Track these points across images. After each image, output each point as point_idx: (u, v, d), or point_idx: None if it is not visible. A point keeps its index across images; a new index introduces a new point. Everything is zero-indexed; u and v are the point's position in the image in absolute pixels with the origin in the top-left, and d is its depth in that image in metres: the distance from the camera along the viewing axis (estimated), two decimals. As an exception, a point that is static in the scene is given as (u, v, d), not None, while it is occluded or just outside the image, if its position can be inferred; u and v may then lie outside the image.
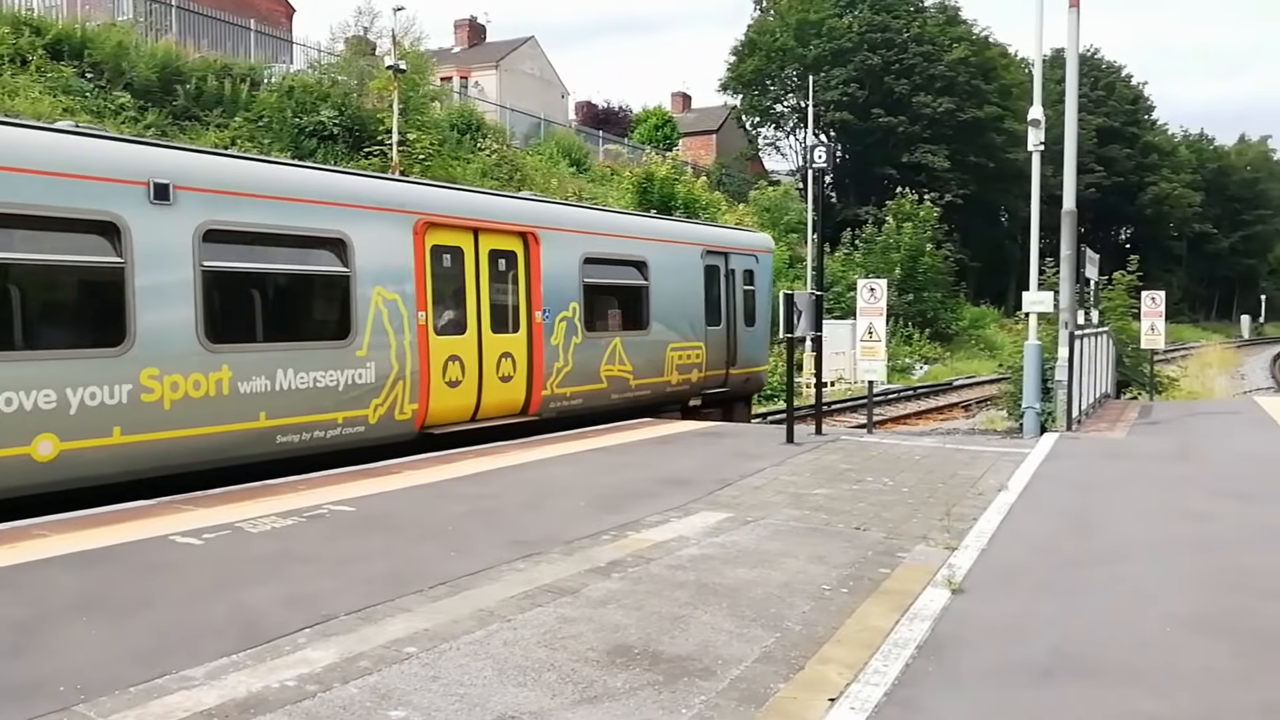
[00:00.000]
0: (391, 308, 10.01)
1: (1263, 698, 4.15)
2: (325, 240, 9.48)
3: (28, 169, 7.27)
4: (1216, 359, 40.43)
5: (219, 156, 9.55)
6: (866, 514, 7.74)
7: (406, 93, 21.87)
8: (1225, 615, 5.25)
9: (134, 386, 7.85)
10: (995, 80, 49.90)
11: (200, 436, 8.35)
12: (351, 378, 9.60)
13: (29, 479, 7.22)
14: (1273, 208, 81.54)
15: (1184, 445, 11.98)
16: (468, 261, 11.07)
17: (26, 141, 7.48)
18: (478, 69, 41.91)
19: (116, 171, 7.86)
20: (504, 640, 4.74)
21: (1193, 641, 4.86)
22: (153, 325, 8.00)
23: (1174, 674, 4.45)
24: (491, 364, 11.35)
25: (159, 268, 8.07)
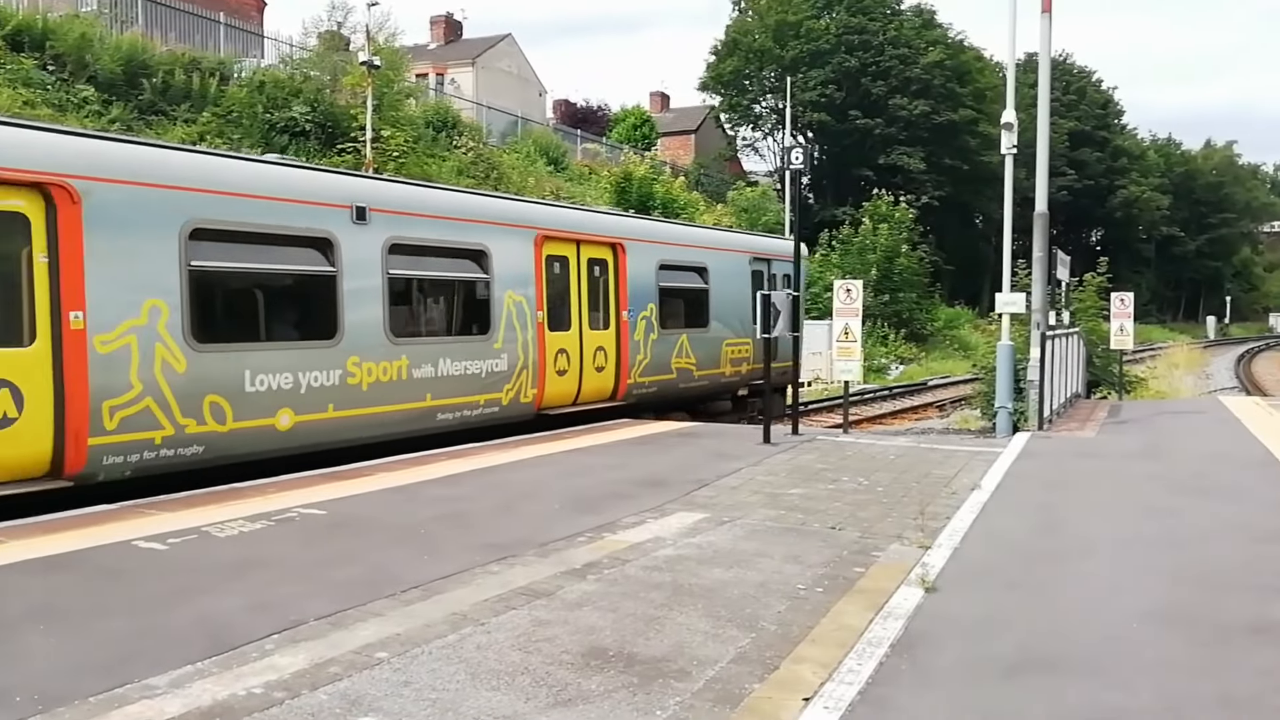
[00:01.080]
0: (518, 308, 11.97)
1: (1221, 689, 4.21)
2: (472, 252, 11.49)
3: (275, 197, 9.25)
4: (1183, 359, 40.96)
5: (398, 185, 11.63)
6: (842, 513, 7.77)
7: (381, 89, 21.67)
8: (1187, 609, 5.32)
9: (342, 372, 9.79)
10: (970, 84, 50.30)
11: (386, 413, 10.27)
12: (491, 366, 11.64)
13: (273, 445, 9.19)
14: (1237, 211, 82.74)
15: (1152, 444, 12.11)
16: (572, 269, 12.98)
17: (273, 174, 9.48)
18: (454, 66, 41.67)
19: (330, 198, 9.79)
20: (477, 644, 4.71)
21: (1156, 635, 4.91)
22: (355, 322, 9.90)
23: (1137, 667, 4.50)
24: (589, 356, 13.26)
25: (359, 275, 9.99)
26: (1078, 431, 13.53)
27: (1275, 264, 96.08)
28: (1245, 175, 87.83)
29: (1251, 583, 5.80)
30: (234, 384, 8.78)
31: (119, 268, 7.92)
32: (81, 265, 7.65)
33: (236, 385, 8.80)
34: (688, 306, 15.16)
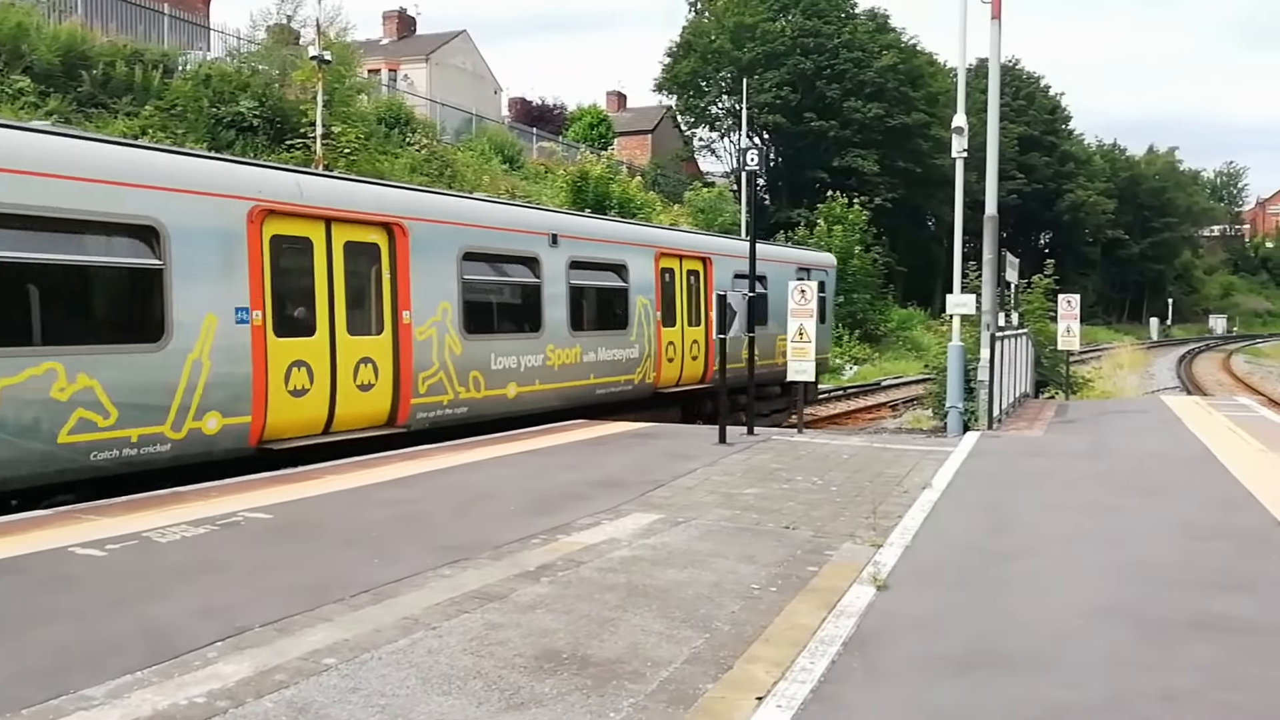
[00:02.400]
0: (645, 309, 15.25)
1: (1163, 683, 4.30)
2: (617, 266, 14.82)
3: (510, 229, 12.79)
4: (1128, 360, 41.84)
5: (575, 217, 15.79)
6: (796, 513, 7.81)
7: (332, 84, 21.29)
8: (1131, 606, 5.41)
9: (544, 356, 13.07)
10: (923, 88, 50.84)
11: (568, 387, 13.57)
12: (629, 354, 14.87)
13: (504, 409, 12.40)
14: (1179, 216, 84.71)
15: (1097, 443, 12.35)
16: (677, 278, 16.33)
17: (509, 212, 13.48)
18: (407, 62, 41.17)
19: (537, 228, 13.29)
20: (428, 648, 4.65)
21: (1101, 631, 4.99)
22: (551, 319, 13.25)
23: (1083, 663, 4.57)
24: (688, 347, 16.73)
25: (553, 284, 13.30)
26: (1026, 431, 13.75)
27: (1214, 267, 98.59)
28: (1186, 181, 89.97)
29: (1191, 579, 5.93)
30: (486, 363, 12.12)
31: (426, 281, 11.18)
32: (409, 279, 10.93)
33: (486, 364, 12.13)
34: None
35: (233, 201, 9.04)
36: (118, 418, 8.06)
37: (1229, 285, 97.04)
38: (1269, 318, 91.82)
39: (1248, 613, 5.25)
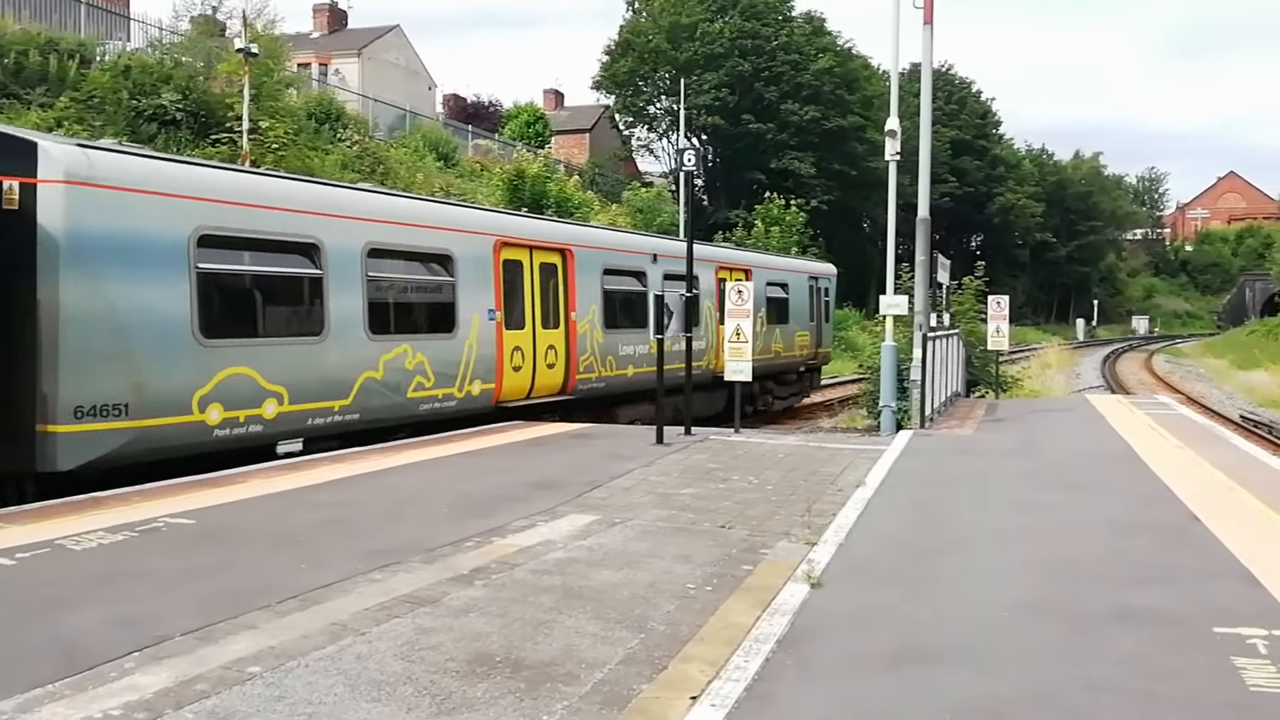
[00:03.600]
0: (709, 311, 18.80)
1: (1086, 674, 4.40)
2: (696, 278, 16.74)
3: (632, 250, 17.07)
4: (1055, 359, 42.97)
5: (669, 240, 19.82)
6: (732, 512, 7.84)
7: (259, 78, 20.70)
8: (1056, 599, 5.54)
9: (646, 346, 15.60)
10: (858, 91, 51.46)
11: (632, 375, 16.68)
12: (700, 346, 17.57)
13: (626, 387, 16.24)
14: (1103, 219, 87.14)
15: (1025, 441, 12.64)
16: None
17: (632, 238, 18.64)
18: (338, 56, 40.38)
19: (645, 249, 17.45)
20: (357, 654, 4.55)
21: (1027, 625, 5.10)
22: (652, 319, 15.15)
23: (1009, 656, 4.66)
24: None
25: (653, 290, 15.97)
26: (957, 429, 14.01)
27: (1137, 270, 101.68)
28: (1110, 185, 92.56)
29: (1114, 573, 6.09)
30: (616, 351, 16.00)
31: (583, 291, 15.06)
32: (574, 288, 14.91)
33: (617, 351, 16.01)
34: (776, 310, 22.35)
35: (487, 238, 13.32)
36: (434, 382, 12.04)
37: (1151, 287, 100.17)
38: (1188, 318, 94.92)
39: (1166, 604, 5.40)
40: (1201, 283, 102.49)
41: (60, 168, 8.05)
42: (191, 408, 8.97)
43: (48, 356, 7.95)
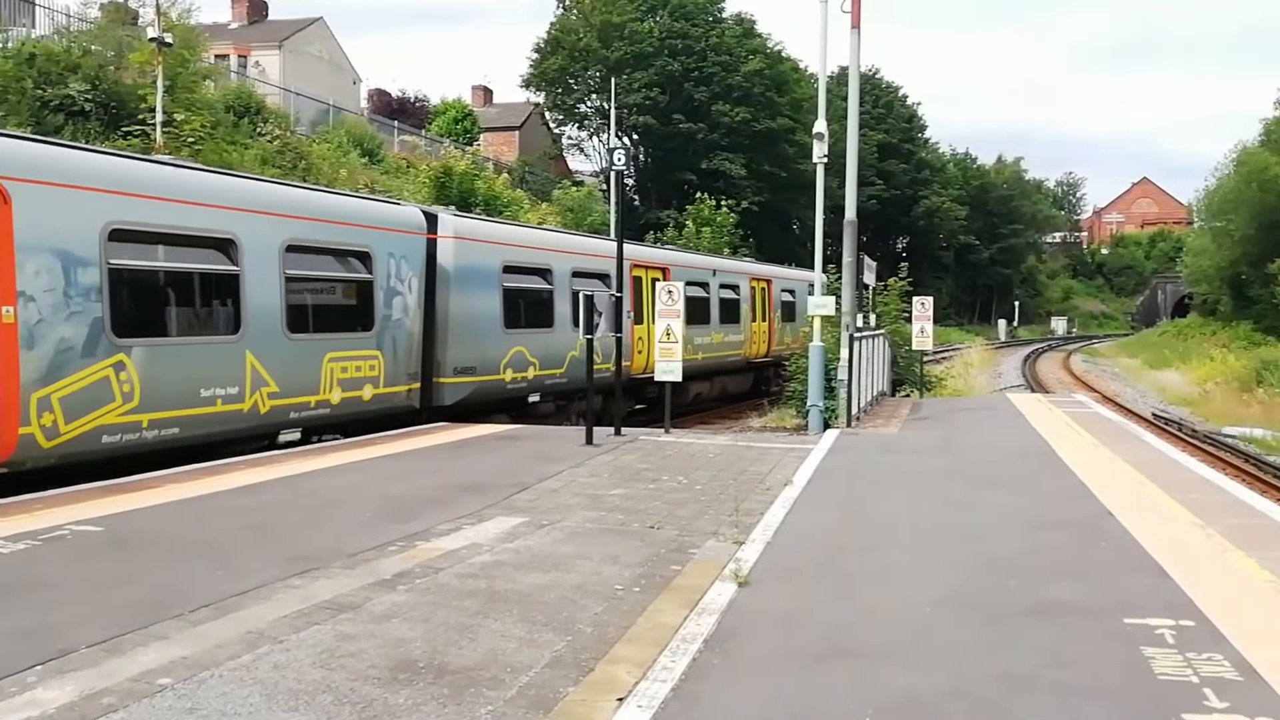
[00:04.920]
0: (747, 310, 24.76)
1: (1004, 668, 4.49)
2: (736, 285, 24.35)
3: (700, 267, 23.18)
4: (978, 359, 44.05)
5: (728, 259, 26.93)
6: (661, 513, 7.84)
7: (174, 69, 19.99)
8: (976, 595, 5.65)
9: (712, 338, 22.32)
10: (788, 93, 51.93)
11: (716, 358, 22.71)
12: (738, 339, 24.06)
13: (695, 369, 19.79)
14: (1024, 223, 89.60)
15: (948, 439, 12.91)
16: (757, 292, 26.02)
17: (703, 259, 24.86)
18: (258, 48, 39.35)
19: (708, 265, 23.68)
20: (274, 663, 4.43)
21: (949, 620, 5.19)
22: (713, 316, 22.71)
23: (931, 651, 4.74)
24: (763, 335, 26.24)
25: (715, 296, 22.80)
26: (883, 428, 14.23)
27: (1056, 272, 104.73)
28: (1031, 189, 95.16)
29: (1032, 568, 6.24)
30: (693, 340, 19.56)
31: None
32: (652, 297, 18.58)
33: (691, 341, 19.14)
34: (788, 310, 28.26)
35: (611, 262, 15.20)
36: (539, 365, 15.24)
37: (1069, 289, 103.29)
38: (1105, 319, 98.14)
39: (1081, 597, 5.55)
40: (1117, 285, 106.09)
41: (450, 228, 13.83)
42: (500, 370, 14.51)
43: (441, 337, 13.55)
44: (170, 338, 9.84)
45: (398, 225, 12.90)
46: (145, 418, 9.29)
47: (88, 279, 8.79)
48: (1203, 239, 55.08)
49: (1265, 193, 42.38)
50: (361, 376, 11.95)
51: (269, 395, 10.62)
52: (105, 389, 8.93)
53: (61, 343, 8.55)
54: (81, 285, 8.75)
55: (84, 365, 8.74)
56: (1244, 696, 4.12)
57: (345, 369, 11.66)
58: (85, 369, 8.74)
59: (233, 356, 10.21)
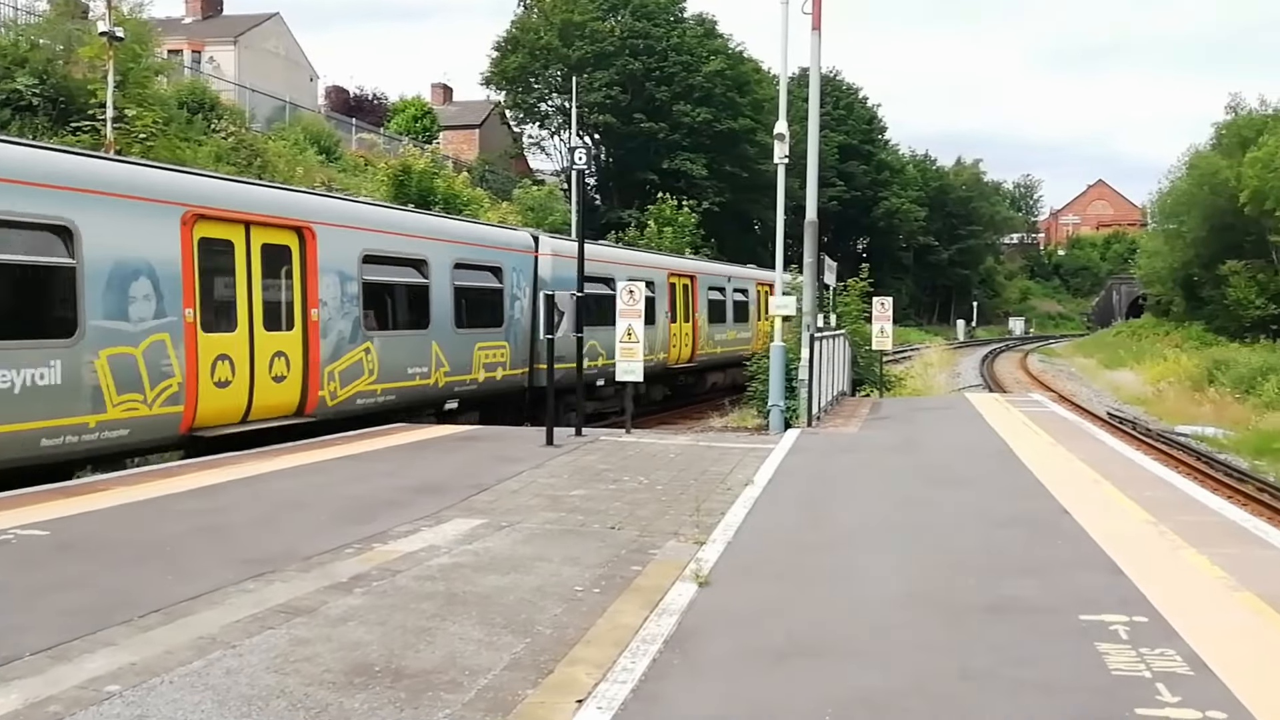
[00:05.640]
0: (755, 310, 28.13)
1: (963, 664, 4.53)
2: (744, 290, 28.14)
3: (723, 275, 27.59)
4: (937, 359, 44.51)
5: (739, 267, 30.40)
6: (622, 513, 7.82)
7: (125, 64, 19.50)
8: (935, 593, 5.69)
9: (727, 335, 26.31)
10: (749, 94, 52.12)
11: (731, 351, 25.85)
12: (747, 335, 27.25)
13: (715, 361, 25.18)
14: (983, 224, 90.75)
15: (908, 439, 13.01)
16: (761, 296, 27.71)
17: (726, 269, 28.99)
18: (213, 43, 38.67)
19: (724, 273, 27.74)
20: (227, 669, 4.35)
21: (908, 618, 5.22)
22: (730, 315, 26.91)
23: (890, 649, 4.76)
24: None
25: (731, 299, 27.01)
26: (843, 428, 14.32)
27: (1014, 273, 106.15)
28: (989, 191, 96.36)
29: (990, 565, 6.30)
30: (713, 337, 24.72)
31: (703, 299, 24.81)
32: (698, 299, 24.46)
33: (712, 336, 24.62)
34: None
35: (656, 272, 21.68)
36: (605, 355, 16.32)
37: (1026, 289, 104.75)
38: (1061, 320, 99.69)
39: (1037, 594, 5.61)
40: (1073, 285, 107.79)
41: (548, 248, 17.24)
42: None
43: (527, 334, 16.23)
44: (393, 331, 13.44)
45: (517, 246, 16.64)
46: (380, 387, 12.95)
47: (352, 290, 12.43)
48: (1156, 241, 56.16)
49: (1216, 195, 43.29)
50: (496, 361, 15.60)
51: (444, 374, 14.23)
52: (359, 366, 12.54)
53: (339, 334, 12.16)
54: (349, 294, 12.37)
55: (350, 349, 12.38)
56: (1195, 690, 4.18)
57: (488, 356, 15.11)
58: (350, 352, 12.38)
59: (425, 346, 13.86)
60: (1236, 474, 16.72)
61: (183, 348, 9.93)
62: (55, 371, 8.68)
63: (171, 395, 9.79)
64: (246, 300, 10.80)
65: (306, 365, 11.61)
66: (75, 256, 8.92)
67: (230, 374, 10.29)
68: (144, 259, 9.57)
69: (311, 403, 11.66)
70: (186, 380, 9.91)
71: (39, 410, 8.52)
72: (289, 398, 11.51)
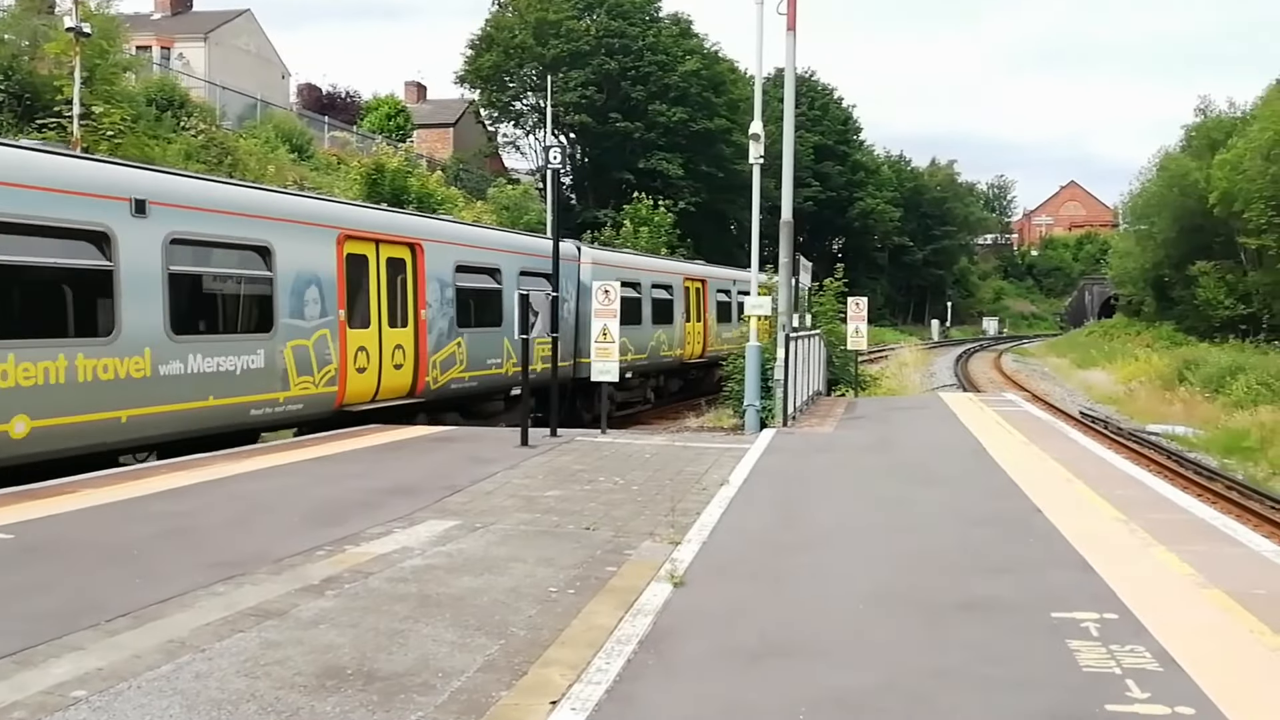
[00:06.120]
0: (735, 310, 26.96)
1: (936, 664, 4.54)
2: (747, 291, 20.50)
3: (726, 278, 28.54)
4: (912, 359, 44.80)
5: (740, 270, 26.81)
6: (597, 514, 7.79)
7: (92, 60, 19.21)
8: (909, 591, 5.71)
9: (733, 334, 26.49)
10: (724, 94, 52.18)
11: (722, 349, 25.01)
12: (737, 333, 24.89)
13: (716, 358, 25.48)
14: (957, 225, 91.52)
15: (883, 438, 13.07)
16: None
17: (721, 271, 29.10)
18: (182, 40, 38.21)
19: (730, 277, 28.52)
20: (196, 673, 4.29)
21: (882, 617, 5.24)
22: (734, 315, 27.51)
23: (864, 648, 4.78)
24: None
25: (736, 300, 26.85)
26: (819, 427, 14.37)
27: (988, 273, 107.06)
28: (963, 192, 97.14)
29: (963, 564, 6.33)
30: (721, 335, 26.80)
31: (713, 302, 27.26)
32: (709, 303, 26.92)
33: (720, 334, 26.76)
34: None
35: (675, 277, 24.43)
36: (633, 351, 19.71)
37: (1000, 290, 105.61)
38: (1034, 320, 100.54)
39: (1009, 593, 5.64)
40: (1046, 286, 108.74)
41: (589, 258, 19.88)
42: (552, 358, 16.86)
43: (584, 331, 17.49)
44: (477, 329, 15.62)
45: (567, 256, 18.72)
46: (467, 375, 15.35)
47: (449, 294, 14.85)
48: (1127, 241, 56.75)
49: (1186, 197, 43.81)
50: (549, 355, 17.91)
51: (512, 364, 16.21)
52: (454, 357, 14.91)
53: (440, 331, 14.54)
54: (447, 298, 14.74)
55: (447, 343, 14.78)
56: (1164, 686, 4.22)
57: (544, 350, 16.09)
58: (448, 345, 14.77)
59: (499, 341, 16.13)
60: (1206, 472, 16.94)
61: (338, 341, 12.44)
62: (259, 358, 11.34)
63: (330, 378, 12.35)
64: (377, 303, 13.05)
65: (417, 355, 14.18)
66: (272, 270, 11.57)
67: (366, 362, 12.69)
68: (314, 271, 12.15)
69: (420, 386, 14.18)
70: (339, 366, 12.31)
71: (250, 387, 11.20)
72: (405, 381, 14.03)
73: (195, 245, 10.64)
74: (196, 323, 10.69)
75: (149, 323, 9.84)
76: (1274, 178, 33.25)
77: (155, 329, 9.92)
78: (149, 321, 9.84)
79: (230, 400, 10.89)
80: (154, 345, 9.86)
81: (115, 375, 9.38)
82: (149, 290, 9.86)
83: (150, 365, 9.81)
